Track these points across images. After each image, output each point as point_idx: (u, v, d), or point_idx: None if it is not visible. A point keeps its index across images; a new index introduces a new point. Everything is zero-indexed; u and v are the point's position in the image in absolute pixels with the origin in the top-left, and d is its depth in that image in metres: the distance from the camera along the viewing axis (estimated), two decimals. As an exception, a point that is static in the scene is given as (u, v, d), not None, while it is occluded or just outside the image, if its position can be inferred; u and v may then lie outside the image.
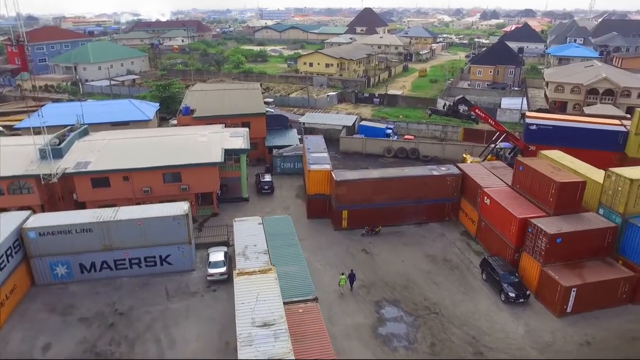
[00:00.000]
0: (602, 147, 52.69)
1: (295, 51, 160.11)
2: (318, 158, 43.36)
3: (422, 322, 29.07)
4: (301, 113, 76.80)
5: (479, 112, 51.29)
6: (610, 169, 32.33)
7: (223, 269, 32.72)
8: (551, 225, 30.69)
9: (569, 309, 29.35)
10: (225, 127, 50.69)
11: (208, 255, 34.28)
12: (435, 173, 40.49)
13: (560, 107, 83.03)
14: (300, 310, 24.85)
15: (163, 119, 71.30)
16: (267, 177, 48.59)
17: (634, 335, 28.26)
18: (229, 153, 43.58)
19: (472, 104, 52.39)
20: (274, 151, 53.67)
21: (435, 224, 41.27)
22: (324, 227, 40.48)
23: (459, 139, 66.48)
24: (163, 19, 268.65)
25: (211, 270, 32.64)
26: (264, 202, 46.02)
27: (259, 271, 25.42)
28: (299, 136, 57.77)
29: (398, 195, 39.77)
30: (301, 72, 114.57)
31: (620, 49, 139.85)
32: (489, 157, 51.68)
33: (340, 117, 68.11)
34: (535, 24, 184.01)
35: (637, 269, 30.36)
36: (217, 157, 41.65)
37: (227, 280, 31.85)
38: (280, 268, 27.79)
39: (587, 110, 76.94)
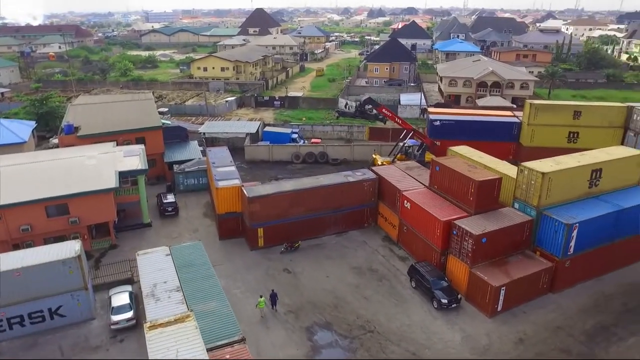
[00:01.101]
0: (500, 138, 55.28)
1: (187, 55, 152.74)
2: (225, 173, 39.82)
3: (359, 344, 27.18)
4: (200, 122, 71.97)
5: (386, 112, 50.99)
6: (522, 163, 32.89)
7: (129, 314, 28.23)
8: (475, 225, 30.38)
9: (499, 308, 29.23)
10: (117, 145, 45.17)
11: (110, 298, 29.50)
12: (351, 179, 38.97)
13: (454, 100, 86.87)
14: (227, 357, 21.68)
15: (42, 139, 62.77)
16: (170, 197, 43.97)
17: (558, 325, 28.81)
18: (124, 175, 38.58)
19: (378, 104, 51.95)
20: (175, 167, 48.90)
21: (356, 231, 39.82)
22: (239, 248, 37.20)
23: (365, 138, 66.29)
24: (34, 23, 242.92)
25: (115, 317, 27.97)
26: (169, 225, 41.49)
27: (174, 320, 21.72)
28: (201, 148, 53.57)
29: (315, 206, 37.68)
30: (196, 78, 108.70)
31: (496, 44, 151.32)
32: (398, 156, 51.57)
33: (243, 124, 64.64)
34: (420, 21, 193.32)
35: (553, 259, 31.11)
36: (111, 181, 36.58)
37: (135, 327, 27.52)
38: (197, 307, 24.38)
39: (479, 102, 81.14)
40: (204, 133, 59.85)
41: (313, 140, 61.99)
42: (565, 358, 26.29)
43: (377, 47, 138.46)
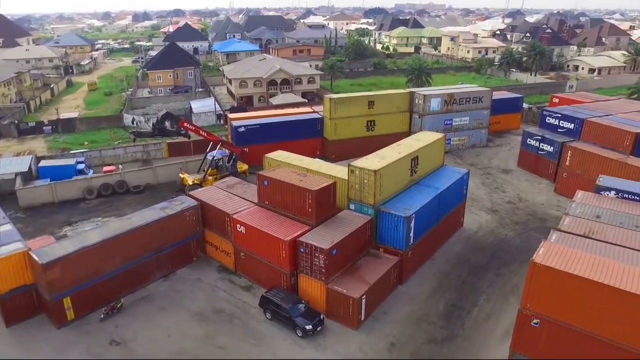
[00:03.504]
0: (306, 135, 55.61)
1: None
2: (-2, 235, 30.07)
3: (229, 411, 22.81)
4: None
5: (188, 126, 45.96)
6: (352, 163, 32.18)
7: None
8: (322, 238, 28.48)
9: (362, 317, 28.05)
10: None
11: None
12: (170, 212, 33.33)
13: (247, 101, 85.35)
14: None
15: None
16: None
17: (417, 317, 29.10)
18: None
19: (179, 117, 46.51)
20: None
21: (185, 269, 34.45)
22: (40, 330, 28.34)
23: (165, 156, 59.65)
24: None
25: None
26: None
27: None
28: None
29: (133, 252, 31.13)
30: None
31: (272, 41, 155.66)
32: (209, 171, 47.13)
33: (8, 162, 51.44)
34: (190, 23, 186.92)
35: (398, 252, 31.37)
36: None
37: None
38: None
39: (272, 101, 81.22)
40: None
41: (105, 168, 52.73)
42: (435, 347, 26.47)
43: (153, 53, 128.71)
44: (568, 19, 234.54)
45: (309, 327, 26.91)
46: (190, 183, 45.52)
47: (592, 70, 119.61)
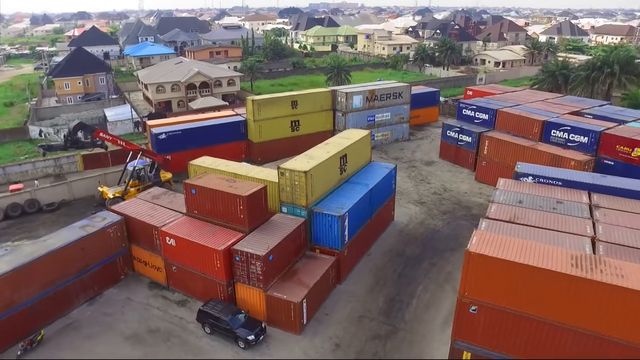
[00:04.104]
0: (230, 139, 54.48)
1: None
2: None
3: None
4: None
5: (104, 135, 43.03)
6: (281, 166, 31.62)
7: None
8: (257, 244, 27.72)
9: (305, 321, 27.68)
10: None
11: None
12: (91, 230, 30.93)
13: (165, 106, 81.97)
14: None
15: None
16: None
17: (359, 314, 29.23)
18: None
19: (94, 127, 43.45)
20: None
21: (113, 289, 32.20)
22: (-54, 374, 25.38)
23: (80, 169, 55.61)
24: None
25: None
26: None
27: None
28: None
29: (52, 277, 28.52)
30: None
31: (187, 44, 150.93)
32: (131, 182, 44.55)
33: None
34: (97, 26, 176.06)
35: (333, 252, 31.34)
36: None
37: None
38: None
39: (192, 105, 78.66)
40: None
41: (12, 187, 48.08)
42: (379, 343, 26.68)
43: (58, 58, 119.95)
44: (472, 16, 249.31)
45: (251, 337, 26.09)
46: (111, 196, 42.75)
47: (497, 64, 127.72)
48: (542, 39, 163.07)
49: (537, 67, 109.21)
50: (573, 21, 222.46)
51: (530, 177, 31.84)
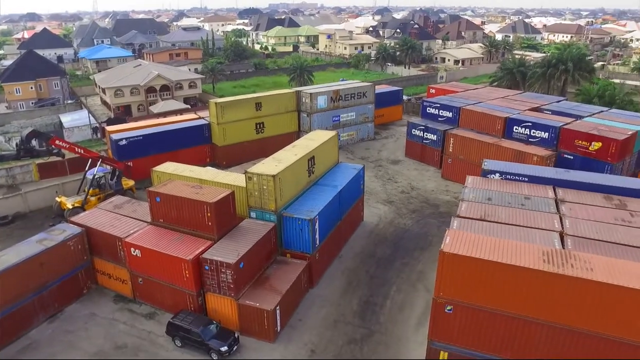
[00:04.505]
0: (194, 143, 53.20)
1: None
2: None
3: None
4: None
5: (60, 143, 41.03)
6: (248, 170, 30.89)
7: None
8: (227, 252, 26.94)
9: (279, 329, 27.09)
10: None
11: None
12: (50, 243, 29.33)
13: (124, 111, 79.54)
14: None
15: None
16: None
17: (334, 318, 28.85)
18: None
19: (49, 135, 41.36)
20: None
21: (75, 304, 30.67)
22: None
23: (35, 179, 53.00)
24: None
25: None
26: None
27: None
28: None
29: (7, 297, 26.84)
30: None
31: (145, 46, 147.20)
32: (91, 191, 42.76)
33: None
34: (49, 28, 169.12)
35: (305, 256, 30.85)
36: None
37: None
38: None
39: (153, 109, 76.59)
40: None
41: (-41, 200, 45.40)
42: (355, 347, 26.39)
43: (7, 62, 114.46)
44: (430, 15, 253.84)
45: (224, 348, 25.31)
46: (70, 207, 40.85)
47: (456, 62, 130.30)
48: (499, 37, 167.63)
49: (494, 64, 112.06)
50: (526, 20, 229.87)
51: (497, 174, 32.27)
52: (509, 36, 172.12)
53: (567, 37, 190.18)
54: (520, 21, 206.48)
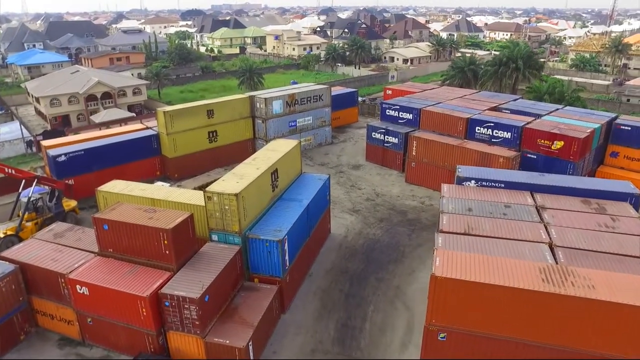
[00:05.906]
0: (141, 156, 49.39)
1: None
2: None
3: None
4: None
5: (-14, 164, 36.46)
6: (208, 188, 27.95)
7: None
8: (190, 286, 23.93)
9: (252, 366, 24.41)
10: None
11: None
12: (-23, 285, 25.29)
13: (62, 122, 73.52)
14: None
15: None
16: None
17: (311, 347, 26.46)
18: None
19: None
20: None
21: (12, 353, 26.64)
22: None
23: (-39, 201, 47.33)
24: None
25: None
26: None
27: None
28: None
29: None
30: None
31: (83, 50, 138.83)
32: (26, 215, 38.23)
33: None
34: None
35: (275, 280, 28.28)
36: None
37: None
38: None
39: (94, 118, 71.19)
40: None
41: None
42: (336, 383, 24.18)
43: None
44: (375, 14, 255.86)
45: (191, 395, 22.41)
46: (2, 235, 36.24)
47: (405, 61, 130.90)
48: (443, 35, 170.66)
49: (443, 63, 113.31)
50: (467, 19, 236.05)
51: (472, 181, 30.97)
52: (453, 35, 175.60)
53: (507, 35, 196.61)
54: (463, 20, 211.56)
